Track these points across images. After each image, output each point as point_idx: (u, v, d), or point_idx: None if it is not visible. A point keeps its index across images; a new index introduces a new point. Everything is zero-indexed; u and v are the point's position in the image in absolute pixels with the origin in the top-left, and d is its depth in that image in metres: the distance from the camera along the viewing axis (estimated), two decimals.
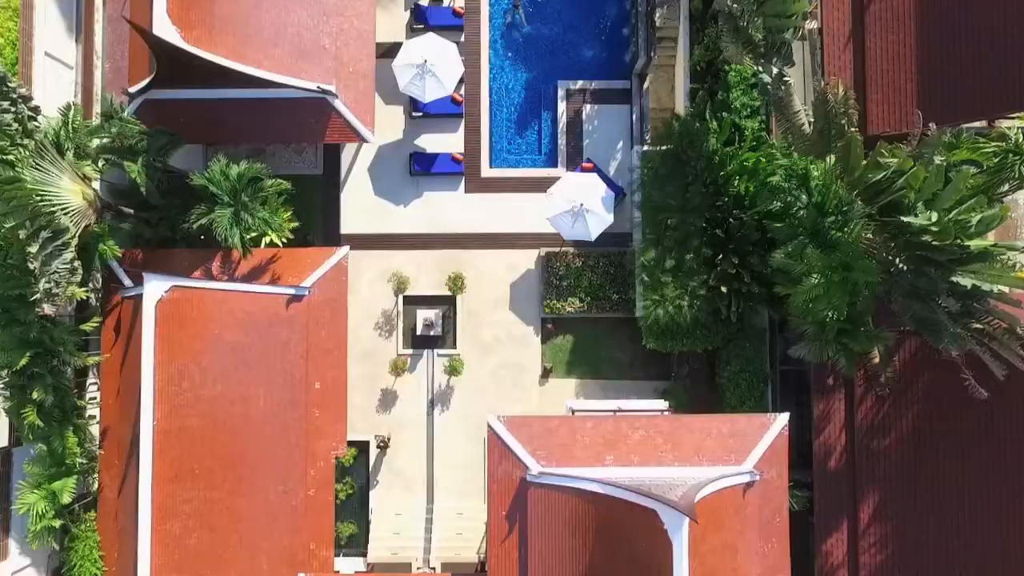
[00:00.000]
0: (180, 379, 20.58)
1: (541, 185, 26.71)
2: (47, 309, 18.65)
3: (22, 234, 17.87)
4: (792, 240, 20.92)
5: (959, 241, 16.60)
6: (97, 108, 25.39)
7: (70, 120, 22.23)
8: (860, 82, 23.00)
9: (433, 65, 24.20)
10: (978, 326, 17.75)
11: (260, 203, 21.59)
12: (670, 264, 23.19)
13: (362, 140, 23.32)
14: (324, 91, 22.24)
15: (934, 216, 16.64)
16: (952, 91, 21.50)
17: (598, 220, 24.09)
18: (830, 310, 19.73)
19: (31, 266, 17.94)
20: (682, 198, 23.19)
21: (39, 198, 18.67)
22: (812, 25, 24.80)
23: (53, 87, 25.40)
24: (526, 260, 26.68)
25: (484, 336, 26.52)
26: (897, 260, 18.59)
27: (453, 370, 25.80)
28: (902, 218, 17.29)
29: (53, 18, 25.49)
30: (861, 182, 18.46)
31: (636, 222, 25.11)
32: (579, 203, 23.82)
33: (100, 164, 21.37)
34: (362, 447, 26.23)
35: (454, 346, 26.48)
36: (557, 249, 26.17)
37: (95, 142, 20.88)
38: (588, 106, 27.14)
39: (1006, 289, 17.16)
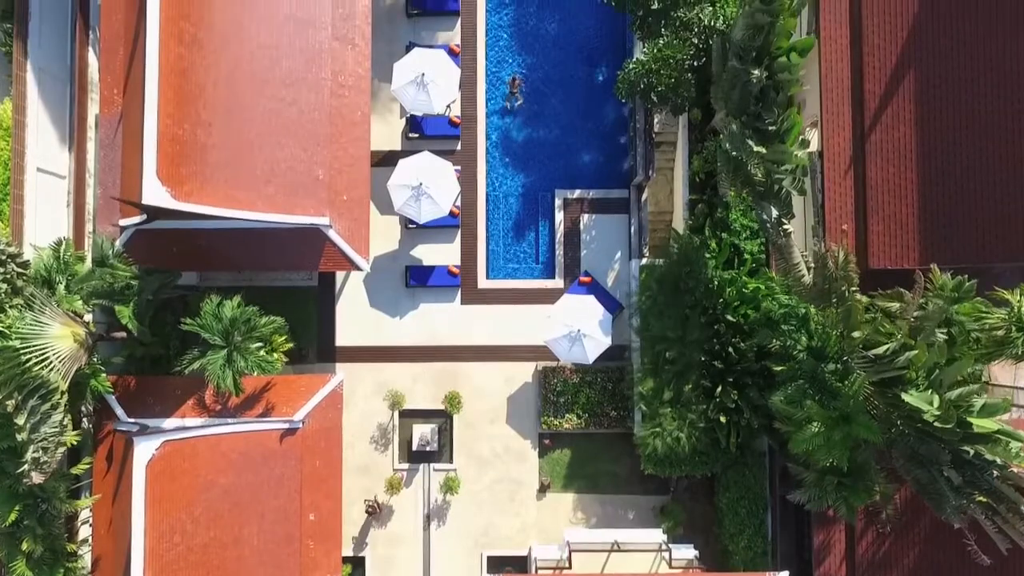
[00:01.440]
0: (171, 534, 20.32)
1: (538, 297, 26.60)
2: (35, 478, 18.35)
3: (10, 405, 17.60)
4: (791, 382, 20.70)
5: (961, 425, 16.32)
6: (89, 227, 25.27)
7: (61, 255, 22.06)
8: (861, 210, 22.68)
9: (428, 187, 23.95)
10: (982, 499, 17.47)
11: (254, 342, 21.28)
12: (668, 396, 22.92)
13: (356, 268, 22.99)
14: (317, 225, 21.96)
15: (936, 401, 16.36)
16: (953, 231, 21.23)
17: (595, 344, 23.85)
18: (830, 459, 19.50)
19: (18, 437, 17.67)
20: (680, 329, 22.91)
21: (28, 358, 18.38)
22: (813, 147, 24.63)
23: (45, 199, 25.30)
24: (523, 373, 26.42)
25: (481, 450, 26.26)
26: (899, 422, 18.31)
27: (449, 488, 25.54)
28: (903, 396, 17.00)
29: (45, 132, 25.39)
30: (860, 348, 18.17)
31: (634, 341, 24.86)
32: (576, 329, 23.58)
33: (91, 305, 21.08)
34: (357, 562, 26.01)
35: (450, 460, 26.24)
36: (554, 364, 25.90)
37: (85, 288, 20.56)
38: (586, 216, 26.88)
39: (1014, 468, 16.90)
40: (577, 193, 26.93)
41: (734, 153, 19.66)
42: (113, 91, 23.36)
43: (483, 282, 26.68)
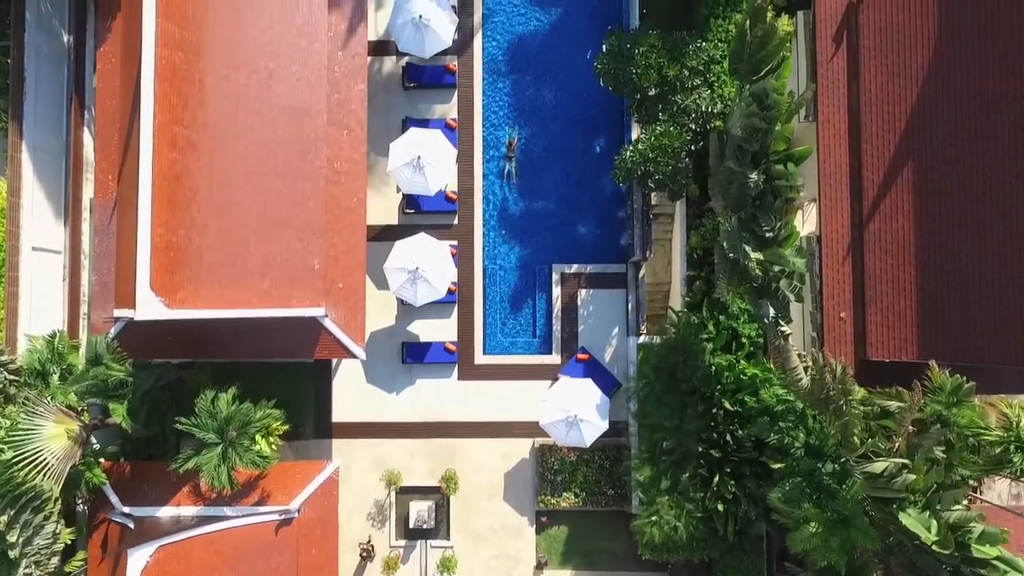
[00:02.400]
0: None
1: (536, 373, 26.51)
2: None
3: (1, 523, 17.50)
4: (789, 479, 20.60)
5: (960, 548, 16.22)
6: (84, 308, 25.18)
7: (55, 345, 21.99)
8: (859, 298, 22.59)
9: (425, 271, 23.83)
10: None
11: (249, 438, 21.19)
12: (665, 485, 22.82)
13: (352, 356, 22.89)
14: (313, 317, 21.88)
15: (934, 526, 16.25)
16: (952, 328, 21.09)
17: (593, 428, 23.74)
18: (827, 560, 19.42)
19: (11, 555, 17.59)
20: (678, 418, 22.82)
21: (21, 467, 18.30)
22: (811, 228, 24.53)
23: (41, 276, 25.23)
24: (520, 449, 26.33)
25: (478, 526, 26.16)
26: (897, 535, 18.21)
27: (446, 567, 25.46)
28: (900, 517, 16.88)
29: (41, 209, 25.35)
30: (858, 459, 18.06)
31: (632, 425, 24.77)
32: (573, 414, 23.46)
33: (85, 403, 21.00)
34: None
35: (447, 537, 26.14)
36: (551, 442, 25.77)
37: (78, 388, 20.48)
38: (583, 290, 26.76)
39: None
40: (574, 268, 26.80)
41: (731, 255, 19.55)
42: (108, 176, 23.27)
43: (480, 357, 26.57)
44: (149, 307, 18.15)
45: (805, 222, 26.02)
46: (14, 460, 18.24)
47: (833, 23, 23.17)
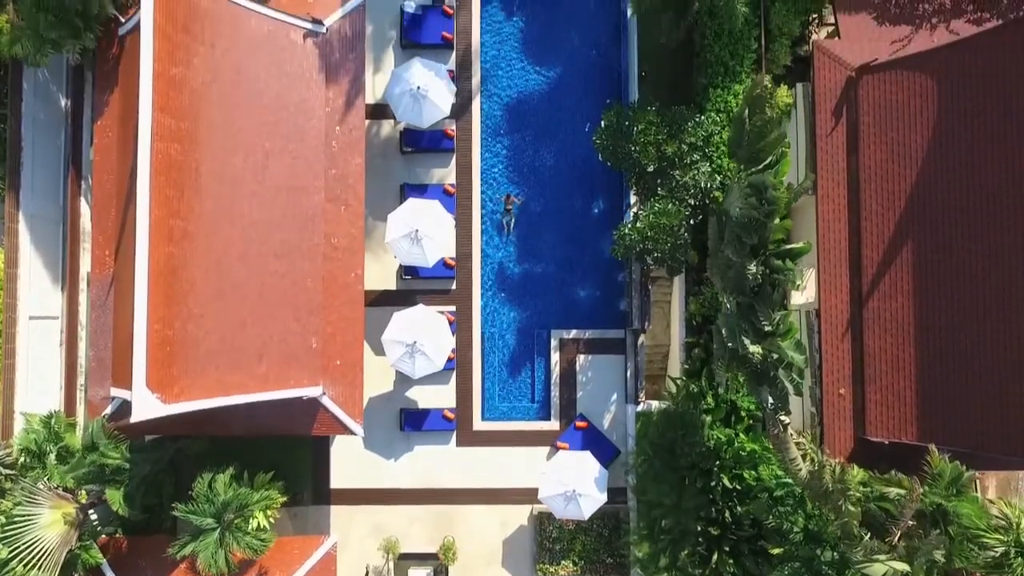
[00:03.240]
0: None
1: (534, 439, 26.46)
2: None
3: None
4: (788, 563, 20.54)
5: None
6: (81, 379, 25.11)
7: (52, 426, 21.95)
8: (859, 376, 22.49)
9: (423, 345, 23.76)
10: None
11: (246, 522, 21.12)
12: (664, 563, 22.74)
13: (350, 432, 22.82)
14: (311, 397, 21.82)
15: None
16: (952, 413, 20.98)
17: (591, 502, 23.68)
18: None
19: None
20: (676, 496, 22.73)
21: (16, 563, 18.24)
22: (811, 297, 24.44)
23: (38, 343, 25.18)
24: (519, 516, 26.25)
25: None
26: None
27: None
28: None
29: (38, 277, 25.33)
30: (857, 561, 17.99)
31: (631, 491, 24.74)
32: (572, 488, 23.40)
33: (82, 489, 20.93)
34: None
35: None
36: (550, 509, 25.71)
37: (74, 475, 20.42)
38: (582, 356, 26.67)
39: None
40: (573, 333, 26.72)
41: (729, 344, 19.47)
42: (105, 252, 23.23)
43: (478, 424, 26.49)
44: (146, 406, 18.06)
45: (804, 289, 25.95)
46: (11, 556, 18.17)
47: (832, 97, 23.08)
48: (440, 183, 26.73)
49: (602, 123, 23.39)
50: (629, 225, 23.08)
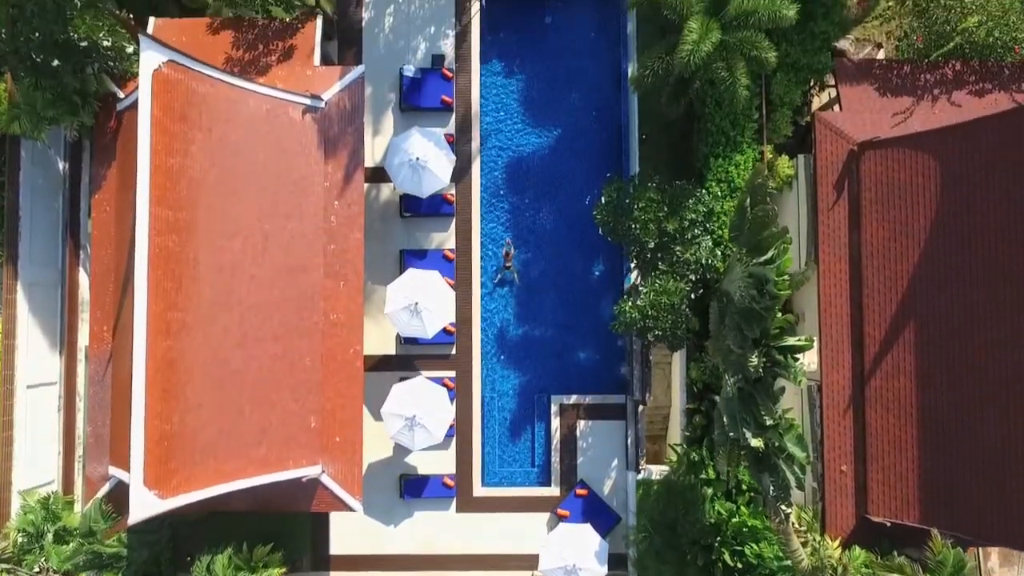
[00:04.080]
0: None
1: (534, 505, 26.37)
2: None
3: None
4: None
5: None
6: (79, 452, 25.02)
7: (50, 507, 21.88)
8: (860, 453, 22.40)
9: (422, 419, 23.64)
10: None
11: None
12: None
13: (349, 509, 22.71)
14: (310, 476, 21.73)
15: None
16: (954, 498, 20.89)
17: (592, 575, 23.59)
18: None
19: None
20: (677, 574, 22.62)
21: None
22: (812, 366, 24.30)
23: (35, 411, 25.09)
24: None
25: None
26: None
27: None
28: None
29: (36, 344, 25.20)
30: None
31: (631, 566, 24.63)
32: (572, 563, 23.30)
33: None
34: None
35: None
36: None
37: (71, 563, 20.36)
38: (582, 421, 26.56)
39: None
40: (573, 399, 26.61)
41: (731, 434, 19.36)
42: (103, 327, 23.14)
43: (479, 490, 26.39)
44: (144, 507, 17.96)
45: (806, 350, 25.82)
46: None
47: (834, 171, 22.96)
48: (440, 248, 26.60)
49: (602, 199, 23.25)
50: (629, 302, 22.93)
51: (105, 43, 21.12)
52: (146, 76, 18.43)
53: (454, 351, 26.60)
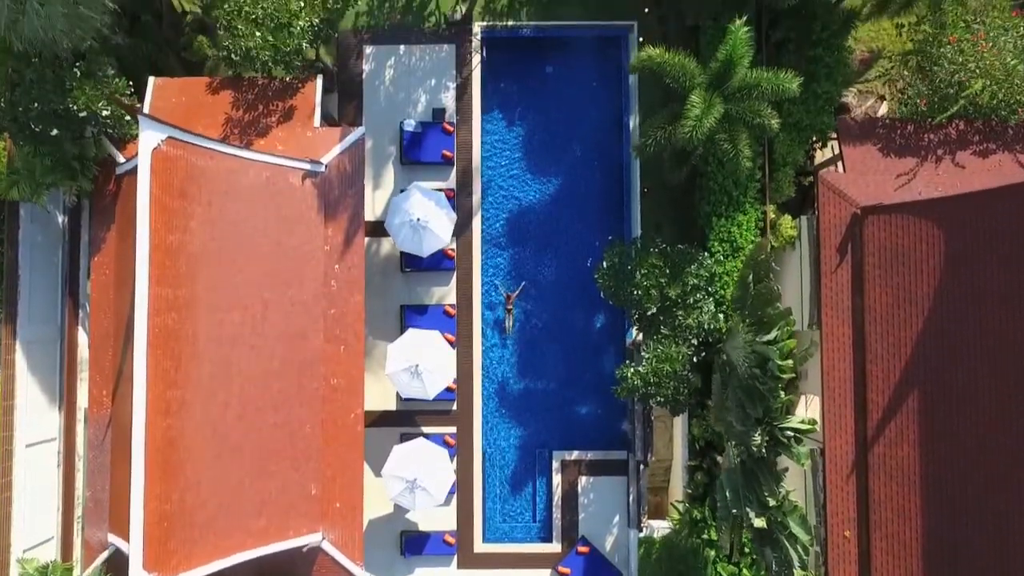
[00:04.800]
0: None
1: (535, 562, 26.30)
2: None
3: None
4: None
5: None
6: (78, 511, 24.89)
7: (48, 574, 21.75)
8: (864, 519, 22.22)
9: (423, 482, 23.52)
10: None
11: None
12: None
13: (349, 574, 22.59)
14: (311, 545, 21.63)
15: None
16: (957, 568, 20.74)
17: None
18: None
19: None
20: None
21: None
22: (816, 416, 24.19)
23: (34, 470, 24.93)
24: None
25: None
26: None
27: None
28: None
29: (35, 406, 24.99)
30: None
31: None
32: None
33: None
34: None
35: None
36: None
37: None
38: (584, 477, 26.45)
39: None
40: (575, 455, 26.50)
41: (734, 511, 19.27)
42: (102, 391, 23.01)
43: (479, 546, 26.28)
44: None
45: (808, 408, 25.73)
46: None
47: (837, 234, 22.78)
48: (440, 303, 26.49)
49: (604, 263, 23.13)
50: (631, 368, 22.80)
51: (104, 112, 20.96)
52: (145, 156, 18.32)
53: (455, 407, 26.49)
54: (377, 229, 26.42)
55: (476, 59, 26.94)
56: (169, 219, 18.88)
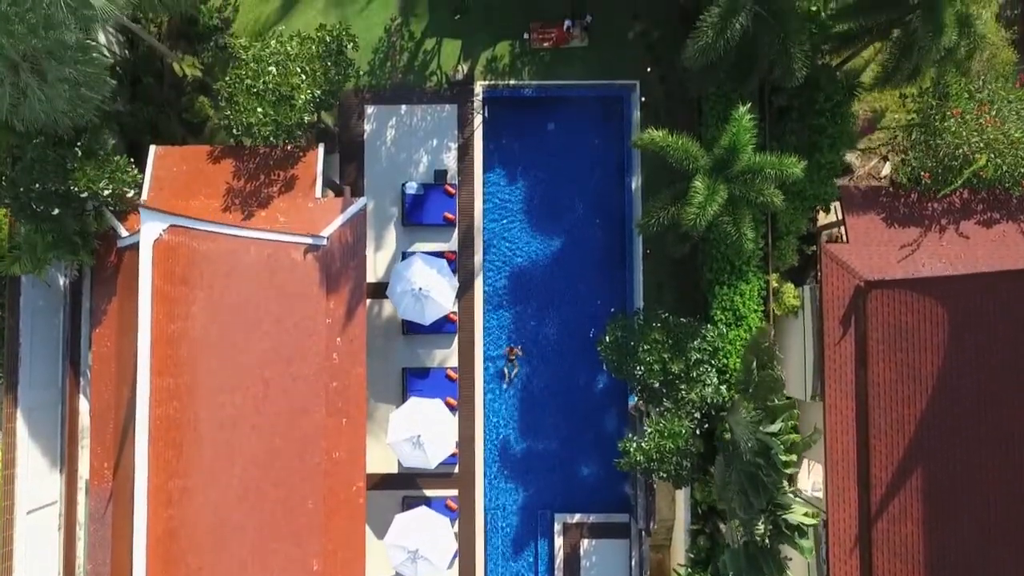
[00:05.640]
0: None
1: None
2: None
3: None
4: None
5: None
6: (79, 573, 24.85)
7: None
8: None
9: (425, 552, 23.48)
10: None
11: None
12: None
13: None
14: None
15: None
16: None
17: None
18: None
19: None
20: None
21: None
22: (818, 488, 24.14)
23: (35, 536, 24.90)
24: None
25: None
26: None
27: None
28: None
29: (36, 472, 24.93)
30: None
31: None
32: None
33: None
34: None
35: None
36: None
37: None
38: (586, 540, 26.42)
39: None
40: (577, 518, 26.47)
41: None
42: (103, 464, 22.98)
43: None
44: None
45: (811, 474, 25.67)
46: None
47: (841, 306, 22.71)
48: (442, 366, 26.43)
49: (606, 337, 23.06)
50: (634, 443, 22.74)
51: (105, 192, 20.90)
52: (147, 248, 18.27)
53: (456, 470, 26.42)
54: (379, 290, 26.36)
55: (478, 119, 26.85)
56: (171, 309, 18.85)
